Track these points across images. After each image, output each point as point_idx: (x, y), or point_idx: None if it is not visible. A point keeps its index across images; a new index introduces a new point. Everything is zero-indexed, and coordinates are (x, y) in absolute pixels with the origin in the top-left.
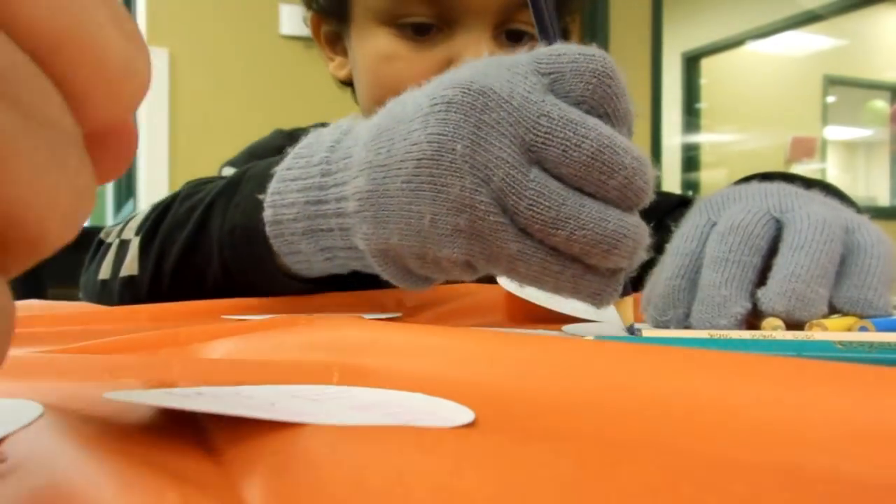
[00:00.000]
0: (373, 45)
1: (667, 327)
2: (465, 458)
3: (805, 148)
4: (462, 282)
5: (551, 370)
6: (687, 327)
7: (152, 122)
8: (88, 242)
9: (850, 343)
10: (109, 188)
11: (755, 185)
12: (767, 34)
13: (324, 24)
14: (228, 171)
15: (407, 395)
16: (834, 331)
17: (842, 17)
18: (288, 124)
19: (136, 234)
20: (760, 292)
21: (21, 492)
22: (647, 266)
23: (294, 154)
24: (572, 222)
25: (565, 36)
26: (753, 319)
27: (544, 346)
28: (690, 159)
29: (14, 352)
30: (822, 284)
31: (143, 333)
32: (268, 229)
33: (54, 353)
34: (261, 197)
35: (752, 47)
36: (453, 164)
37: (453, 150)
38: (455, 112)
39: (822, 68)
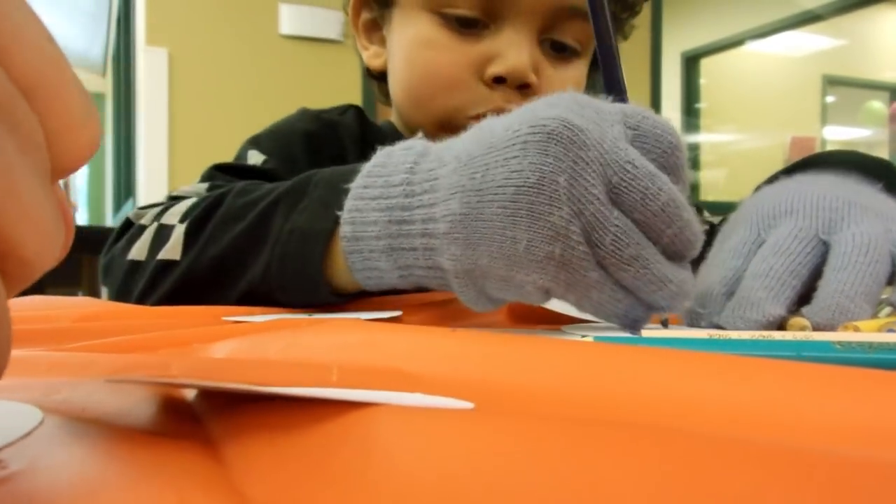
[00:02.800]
0: (415, 30)
1: (698, 323)
2: (470, 443)
3: (804, 148)
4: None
5: (551, 370)
6: (717, 326)
7: (151, 122)
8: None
9: (850, 343)
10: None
11: (810, 190)
12: (767, 34)
13: (364, 10)
14: (255, 156)
15: (406, 395)
16: (866, 332)
17: (841, 17)
18: None
19: (182, 220)
20: (805, 309)
21: (21, 496)
22: None
23: (368, 172)
24: (638, 262)
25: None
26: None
27: (544, 347)
28: (690, 159)
29: (14, 352)
30: (866, 301)
31: (144, 335)
32: (345, 244)
33: (54, 352)
34: (336, 211)
35: (751, 47)
36: (554, 195)
37: (555, 181)
38: (556, 144)
39: (822, 68)
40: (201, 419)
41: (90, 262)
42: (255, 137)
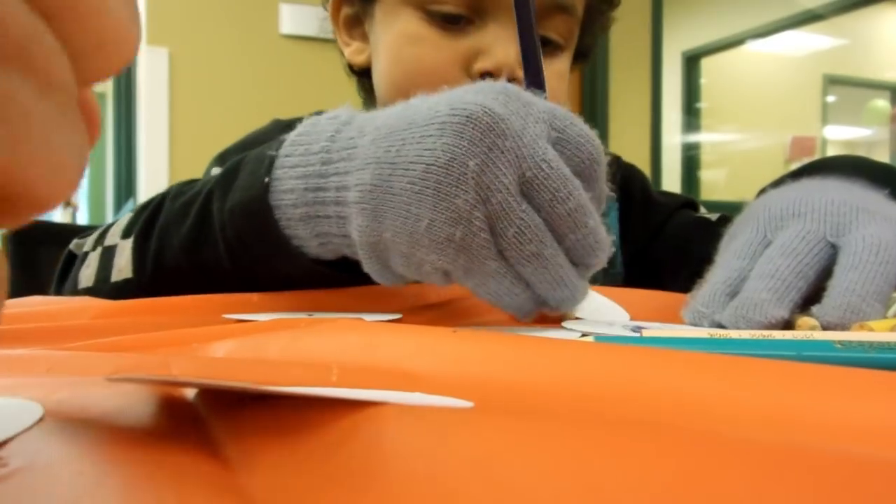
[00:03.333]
0: (400, 26)
1: (701, 322)
2: (476, 442)
3: (805, 148)
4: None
5: (551, 370)
6: (720, 326)
7: (152, 122)
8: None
9: (850, 343)
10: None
11: (818, 195)
12: (767, 34)
13: (344, 6)
14: (217, 170)
15: (406, 395)
16: (879, 331)
17: (842, 17)
18: None
19: (125, 237)
20: (816, 308)
21: (22, 495)
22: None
23: (291, 141)
24: (539, 260)
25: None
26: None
27: (544, 347)
28: (690, 159)
29: (15, 351)
30: (878, 300)
31: (143, 334)
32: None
33: (54, 351)
34: (263, 178)
35: (752, 47)
36: (462, 178)
37: (465, 164)
38: (472, 129)
39: (822, 68)
40: (202, 419)
41: None
42: (223, 152)
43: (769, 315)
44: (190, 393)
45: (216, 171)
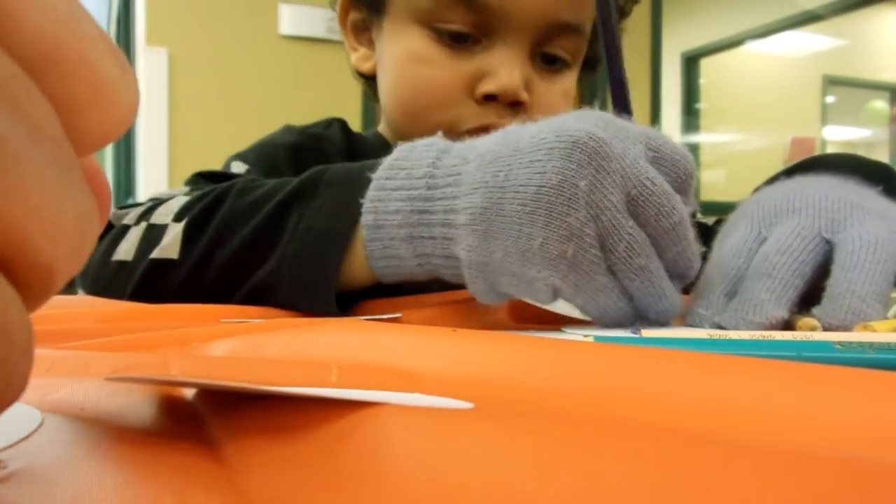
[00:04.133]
0: (406, 44)
1: (700, 324)
2: (475, 444)
3: (804, 148)
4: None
5: (551, 371)
6: (719, 326)
7: (152, 122)
8: None
9: (850, 343)
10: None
11: (812, 190)
12: (767, 34)
13: (353, 11)
14: (238, 166)
15: (405, 396)
16: (882, 332)
17: (841, 17)
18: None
19: (177, 219)
20: (817, 310)
21: (22, 496)
22: None
23: (389, 165)
24: (645, 273)
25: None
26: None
27: (544, 347)
28: None
29: None
30: (878, 300)
31: (143, 334)
32: (366, 233)
33: (53, 350)
34: (355, 211)
35: (751, 47)
36: (573, 198)
37: (576, 185)
38: (580, 152)
39: (822, 68)
40: (201, 419)
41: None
42: (240, 152)
43: (769, 316)
44: (189, 392)
45: (237, 164)
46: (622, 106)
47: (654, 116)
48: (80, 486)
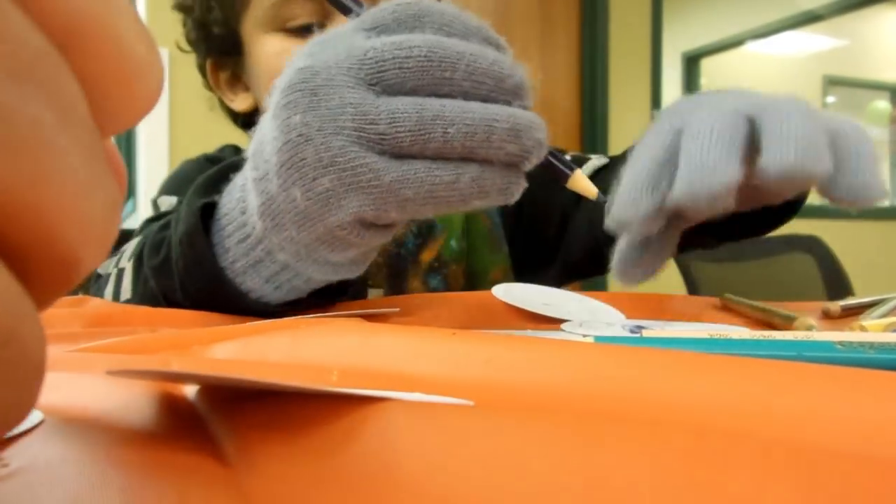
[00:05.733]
0: (266, 49)
1: (637, 230)
2: (478, 440)
3: None
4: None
5: (551, 371)
6: (669, 214)
7: (152, 122)
8: None
9: (851, 343)
10: None
11: (713, 92)
12: (767, 34)
13: (221, 71)
14: (165, 200)
15: (405, 395)
16: (873, 332)
17: (841, 18)
18: None
19: (129, 259)
20: (759, 161)
21: (22, 494)
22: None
23: (221, 203)
24: (439, 122)
25: None
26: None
27: (544, 348)
28: None
29: None
30: (823, 133)
31: (143, 336)
32: (227, 273)
33: (52, 350)
34: (196, 206)
35: (751, 47)
36: (301, 136)
37: (296, 123)
38: (291, 93)
39: (822, 69)
40: (203, 418)
41: None
42: (159, 191)
43: (727, 175)
44: (190, 392)
45: (164, 200)
46: (342, 10)
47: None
48: (82, 487)
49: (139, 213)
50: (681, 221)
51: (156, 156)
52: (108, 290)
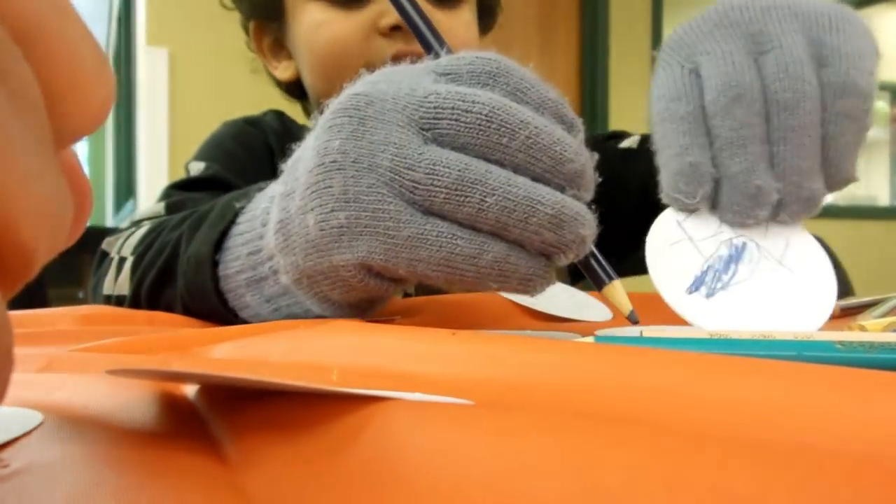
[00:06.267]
0: (308, 19)
1: (697, 209)
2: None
3: None
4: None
5: (551, 371)
6: (719, 207)
7: (152, 122)
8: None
9: (851, 343)
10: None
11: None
12: None
13: (265, 35)
14: (196, 166)
15: (405, 395)
16: (872, 332)
17: None
18: None
19: (132, 253)
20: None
21: (22, 495)
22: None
23: (246, 209)
24: (479, 187)
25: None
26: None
27: (544, 349)
28: None
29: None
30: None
31: (143, 336)
32: (221, 285)
33: (53, 353)
34: (217, 232)
35: None
36: (335, 163)
37: (331, 148)
38: (340, 116)
39: None
40: (203, 418)
41: (90, 261)
42: (193, 156)
43: (769, 202)
44: (190, 392)
45: (195, 165)
46: (425, 45)
47: None
48: (82, 487)
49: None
50: None
51: (156, 156)
52: (109, 276)
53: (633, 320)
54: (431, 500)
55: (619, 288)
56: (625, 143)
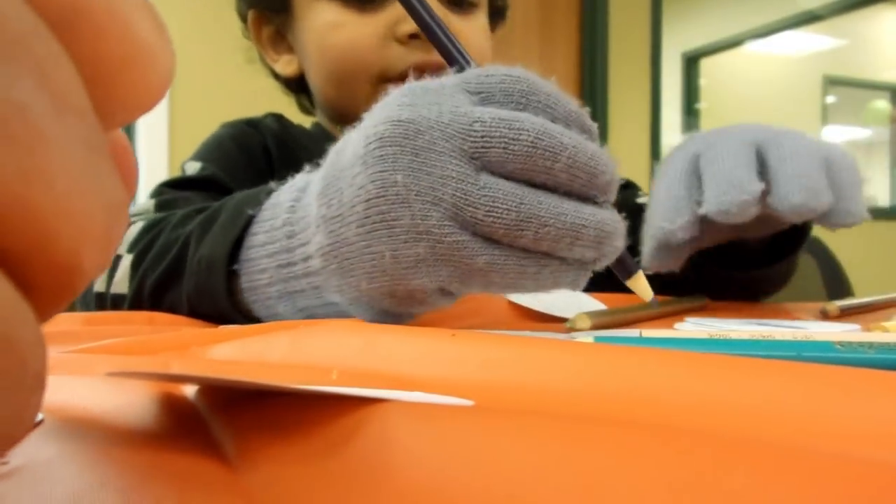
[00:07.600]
0: (320, 19)
1: (678, 236)
2: (478, 441)
3: None
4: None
5: (551, 372)
6: (703, 222)
7: (152, 122)
8: None
9: (850, 343)
10: None
11: (718, 130)
12: (767, 34)
13: (264, 26)
14: (192, 166)
15: (405, 395)
16: (894, 332)
17: (841, 17)
18: None
19: (129, 251)
20: (770, 198)
21: (23, 493)
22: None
23: (259, 218)
24: (534, 221)
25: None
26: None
27: (544, 349)
28: None
29: None
30: (823, 168)
31: (143, 337)
32: (245, 296)
33: (54, 354)
34: (232, 235)
35: (751, 47)
36: (399, 196)
37: (395, 182)
38: (389, 146)
39: (822, 68)
40: (202, 418)
41: None
42: (191, 156)
43: (751, 190)
44: (190, 392)
45: (191, 165)
46: (446, 57)
47: (654, 117)
48: (81, 486)
49: None
50: (703, 234)
51: (156, 156)
52: (104, 272)
53: (654, 306)
54: (431, 500)
55: (642, 278)
56: (640, 199)
